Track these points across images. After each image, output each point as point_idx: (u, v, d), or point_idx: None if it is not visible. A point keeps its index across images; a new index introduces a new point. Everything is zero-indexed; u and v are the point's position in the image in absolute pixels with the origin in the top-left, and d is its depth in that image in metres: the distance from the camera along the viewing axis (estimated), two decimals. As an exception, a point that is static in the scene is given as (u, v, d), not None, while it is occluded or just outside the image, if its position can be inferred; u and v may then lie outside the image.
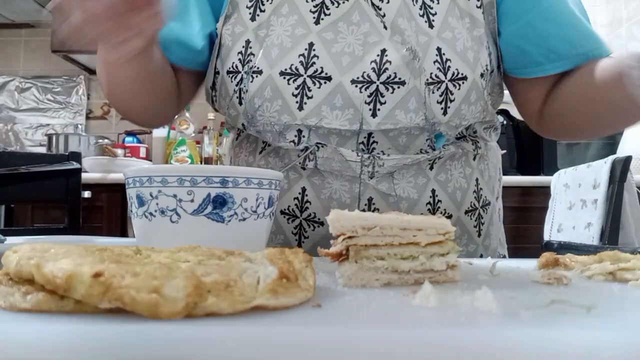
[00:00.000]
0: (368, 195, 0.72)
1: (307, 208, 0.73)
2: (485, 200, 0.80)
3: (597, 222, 1.68)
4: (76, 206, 1.51)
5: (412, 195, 0.73)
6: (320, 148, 0.72)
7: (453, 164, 0.77)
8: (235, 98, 0.73)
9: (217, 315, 0.28)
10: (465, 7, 0.74)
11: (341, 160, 0.72)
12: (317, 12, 0.72)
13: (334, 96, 0.69)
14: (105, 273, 0.27)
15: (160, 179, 0.50)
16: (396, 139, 0.72)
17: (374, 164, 0.72)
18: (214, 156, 2.78)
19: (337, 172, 0.72)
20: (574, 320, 0.29)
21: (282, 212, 0.74)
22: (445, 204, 0.75)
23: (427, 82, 0.69)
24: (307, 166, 0.73)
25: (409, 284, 0.41)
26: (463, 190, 0.77)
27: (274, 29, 0.72)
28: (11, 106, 3.11)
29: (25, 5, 2.79)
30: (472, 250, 0.78)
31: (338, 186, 0.73)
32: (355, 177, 0.72)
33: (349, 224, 0.40)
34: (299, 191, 0.74)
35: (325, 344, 0.25)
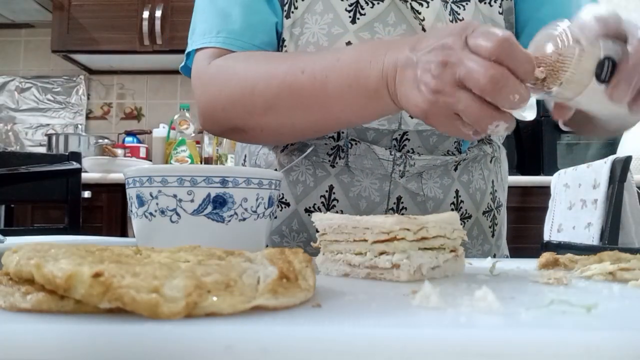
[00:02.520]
0: (397, 194, 0.73)
1: (334, 206, 0.73)
2: (499, 201, 0.82)
3: (597, 222, 1.68)
4: (76, 206, 1.51)
5: (438, 195, 0.75)
6: (353, 145, 0.72)
7: (474, 166, 0.78)
8: None
9: (217, 315, 0.28)
10: (487, 13, 0.75)
11: (374, 158, 0.72)
12: (352, 12, 0.71)
13: None
14: (105, 273, 0.27)
15: (160, 179, 0.50)
16: (427, 139, 0.73)
17: (405, 163, 0.72)
18: (214, 156, 2.78)
19: (368, 170, 0.72)
20: (574, 320, 0.29)
21: (306, 210, 0.74)
22: (466, 205, 0.77)
23: None
24: (337, 164, 0.73)
25: (361, 277, 0.45)
26: (482, 191, 0.79)
27: (308, 27, 0.71)
28: (11, 106, 3.11)
29: (25, 5, 2.79)
30: (487, 250, 0.80)
31: (368, 184, 0.73)
32: (386, 175, 0.73)
33: (322, 223, 0.48)
34: (325, 189, 0.73)
35: (325, 344, 0.25)
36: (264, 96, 0.64)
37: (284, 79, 0.62)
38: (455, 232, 0.47)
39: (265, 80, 0.64)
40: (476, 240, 0.78)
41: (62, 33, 2.74)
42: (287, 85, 0.62)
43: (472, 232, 0.78)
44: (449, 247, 0.46)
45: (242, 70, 0.67)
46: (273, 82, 0.63)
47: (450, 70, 0.44)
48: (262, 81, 0.64)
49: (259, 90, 0.64)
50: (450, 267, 0.46)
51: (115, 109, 3.16)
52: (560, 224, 1.93)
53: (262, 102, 0.65)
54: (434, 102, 0.45)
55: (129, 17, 2.73)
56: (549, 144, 2.46)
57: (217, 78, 0.69)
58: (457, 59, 0.44)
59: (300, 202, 0.74)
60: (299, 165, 0.75)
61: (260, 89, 0.64)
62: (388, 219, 0.43)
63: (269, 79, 0.64)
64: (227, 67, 0.69)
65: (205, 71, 0.71)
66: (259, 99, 0.65)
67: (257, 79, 0.65)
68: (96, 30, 2.74)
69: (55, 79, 3.13)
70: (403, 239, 0.43)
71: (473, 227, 0.78)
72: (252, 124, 0.68)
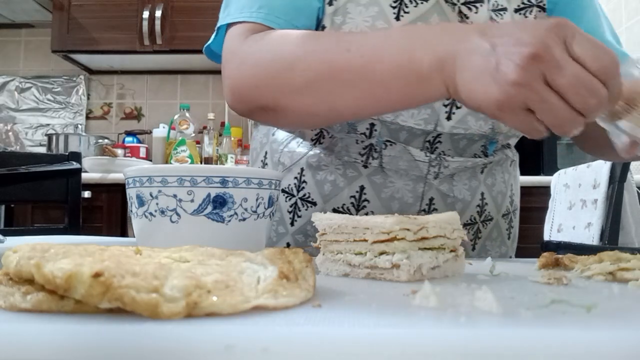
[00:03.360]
0: (430, 196, 0.73)
1: (365, 207, 0.73)
2: (515, 205, 0.84)
3: (597, 222, 1.68)
4: (76, 206, 1.51)
5: (466, 197, 0.75)
6: (388, 146, 0.71)
7: (497, 169, 0.79)
8: None
9: (217, 315, 0.28)
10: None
11: (409, 159, 0.72)
12: (396, 8, 0.69)
13: None
14: (105, 273, 0.27)
15: (160, 179, 0.50)
16: (457, 142, 0.73)
17: (440, 164, 0.72)
18: (214, 156, 2.78)
19: (403, 171, 0.72)
20: (574, 320, 0.29)
21: (334, 209, 0.73)
22: (490, 207, 0.77)
23: None
24: (370, 164, 0.72)
25: (361, 277, 0.45)
26: (503, 194, 0.80)
27: (351, 18, 0.69)
28: (11, 106, 3.11)
29: (25, 5, 2.79)
30: (504, 252, 0.81)
31: (401, 185, 0.72)
32: (421, 176, 0.72)
33: (321, 223, 0.48)
34: (356, 189, 0.73)
35: (325, 344, 0.25)
36: (304, 74, 0.59)
37: (327, 56, 0.58)
38: (455, 232, 0.47)
39: (306, 57, 0.60)
40: (495, 242, 0.79)
41: (62, 33, 2.74)
42: (330, 62, 0.58)
43: (492, 234, 0.79)
44: (449, 247, 0.46)
45: (280, 46, 0.63)
46: (314, 59, 0.59)
47: (541, 66, 0.42)
48: (303, 58, 0.60)
49: (299, 68, 0.60)
50: (450, 267, 0.46)
51: (115, 109, 3.16)
52: (560, 224, 1.93)
53: (301, 80, 0.60)
54: (513, 94, 0.43)
55: (129, 17, 2.73)
56: (549, 144, 2.46)
57: (254, 54, 0.64)
58: (555, 60, 0.42)
59: (329, 201, 0.74)
60: (327, 164, 0.74)
61: (301, 66, 0.60)
62: (388, 219, 0.43)
63: (311, 56, 0.60)
64: (265, 43, 0.64)
65: (240, 46, 0.66)
66: (298, 77, 0.60)
67: (298, 55, 0.61)
68: (96, 30, 2.74)
69: (55, 79, 3.13)
70: (403, 239, 0.43)
71: (493, 230, 0.79)
72: (285, 103, 0.62)
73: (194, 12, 2.72)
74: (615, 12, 2.82)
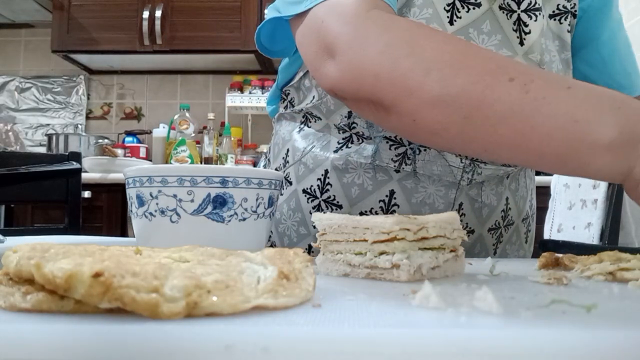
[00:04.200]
0: (460, 201, 0.73)
1: (394, 211, 0.72)
2: (533, 209, 0.84)
3: (597, 222, 1.68)
4: (76, 206, 1.51)
5: (492, 202, 0.75)
6: (422, 151, 0.70)
7: (520, 173, 0.79)
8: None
9: (217, 315, 0.28)
10: (556, 30, 0.75)
11: (444, 164, 0.71)
12: (450, 12, 0.69)
13: None
14: (105, 273, 0.27)
15: (160, 179, 0.50)
16: None
17: (474, 171, 0.72)
18: (214, 156, 2.78)
19: (436, 176, 0.71)
20: (574, 320, 0.29)
21: (361, 213, 0.72)
22: (512, 212, 0.78)
23: None
24: (403, 169, 0.71)
25: (361, 277, 0.45)
26: (524, 199, 0.80)
27: (406, 17, 0.68)
28: (11, 106, 3.12)
29: (25, 5, 2.79)
30: (522, 256, 0.82)
31: (433, 191, 0.72)
32: (454, 182, 0.72)
33: (321, 223, 0.48)
34: (386, 194, 0.72)
35: (325, 344, 0.25)
36: (444, 84, 0.49)
37: (479, 74, 0.48)
38: (455, 232, 0.47)
39: (451, 69, 0.50)
40: (514, 245, 0.80)
41: (62, 33, 2.74)
42: (483, 83, 0.48)
43: (512, 238, 0.79)
44: (449, 247, 0.46)
45: (419, 41, 0.52)
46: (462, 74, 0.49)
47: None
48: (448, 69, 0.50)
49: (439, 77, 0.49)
50: (450, 267, 0.46)
51: (115, 109, 3.16)
52: (560, 224, 1.93)
53: (438, 90, 0.49)
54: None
55: (129, 17, 2.73)
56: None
57: (384, 39, 0.53)
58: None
59: (355, 205, 0.73)
60: (355, 168, 0.72)
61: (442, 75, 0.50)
62: (388, 219, 0.43)
63: (459, 70, 0.49)
64: (400, 31, 0.53)
65: (365, 18, 0.54)
66: (435, 85, 0.49)
67: (441, 64, 0.50)
68: (96, 30, 2.74)
69: (55, 79, 3.13)
70: (403, 239, 0.43)
71: (513, 234, 0.79)
72: (407, 109, 0.52)
73: (194, 12, 2.72)
74: (615, 12, 2.82)
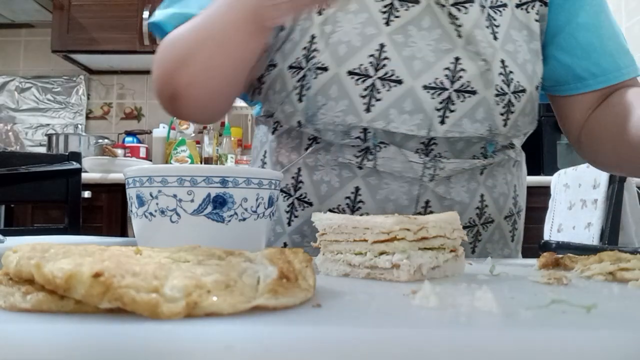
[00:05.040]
0: (426, 198, 0.72)
1: (360, 208, 0.72)
2: (520, 206, 0.83)
3: (597, 222, 1.68)
4: (76, 206, 1.51)
5: (464, 199, 0.74)
6: (382, 148, 0.70)
7: (499, 170, 0.78)
8: (294, 94, 0.71)
9: (217, 315, 0.28)
10: (524, 19, 0.75)
11: (403, 161, 0.71)
12: (386, 13, 0.70)
13: (404, 100, 0.68)
14: (105, 273, 0.27)
15: (160, 179, 0.50)
16: (454, 144, 0.72)
17: (435, 167, 0.71)
18: (214, 156, 2.78)
19: (397, 172, 0.71)
20: (574, 320, 0.29)
21: (331, 210, 0.72)
22: (490, 209, 0.76)
23: (494, 94, 0.70)
24: (364, 165, 0.71)
25: (361, 277, 0.45)
26: (505, 196, 0.78)
27: (341, 26, 0.70)
28: (11, 106, 3.12)
29: (25, 5, 2.79)
30: (507, 255, 0.80)
31: (396, 187, 0.71)
32: (416, 178, 0.71)
33: (321, 223, 0.48)
34: (351, 190, 0.72)
35: (325, 344, 0.25)
36: (178, 50, 0.68)
37: (190, 28, 0.67)
38: (455, 232, 0.47)
39: (180, 35, 0.68)
40: (497, 244, 0.78)
41: (62, 33, 2.74)
42: (191, 31, 0.66)
43: (494, 237, 0.78)
44: (449, 247, 0.46)
45: (170, 35, 0.70)
46: (184, 34, 0.67)
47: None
48: (178, 36, 0.68)
49: (176, 47, 0.68)
50: (450, 267, 0.46)
51: (115, 109, 3.16)
52: (560, 224, 1.93)
53: (177, 57, 0.68)
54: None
55: (129, 17, 2.73)
56: (549, 144, 2.46)
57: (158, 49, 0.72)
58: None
59: (324, 202, 0.73)
60: (324, 165, 0.73)
61: (177, 44, 0.68)
62: (388, 219, 0.43)
63: (182, 33, 0.68)
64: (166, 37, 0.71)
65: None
66: (176, 55, 0.68)
67: (176, 36, 0.69)
68: (96, 30, 2.74)
69: (55, 79, 3.13)
70: (403, 239, 0.43)
71: (495, 232, 0.78)
72: (177, 87, 0.69)
73: (194, 12, 2.72)
74: (615, 12, 2.82)
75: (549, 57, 0.78)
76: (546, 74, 0.79)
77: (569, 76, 0.78)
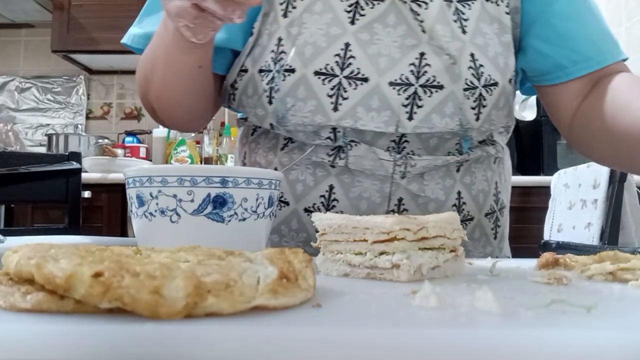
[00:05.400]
0: (398, 196, 0.72)
1: (334, 206, 0.72)
2: (502, 203, 0.81)
3: (597, 222, 1.68)
4: (76, 206, 1.51)
5: (439, 196, 0.73)
6: (354, 146, 0.71)
7: (477, 167, 0.77)
8: (265, 97, 0.72)
9: (217, 315, 0.28)
10: (494, 12, 0.74)
11: (374, 159, 0.71)
12: (352, 12, 0.71)
13: (371, 98, 0.69)
14: (105, 273, 0.27)
15: (160, 179, 0.50)
16: (427, 141, 0.72)
17: (406, 164, 0.71)
18: (214, 156, 2.78)
19: (369, 170, 0.71)
20: (574, 320, 0.29)
21: (305, 209, 0.73)
22: (469, 207, 0.75)
23: (464, 88, 0.70)
24: (336, 164, 0.72)
25: (361, 277, 0.45)
26: (485, 193, 0.77)
27: (307, 27, 0.71)
28: (11, 106, 3.11)
29: (25, 5, 2.79)
30: (489, 252, 0.79)
31: (369, 185, 0.72)
32: (387, 176, 0.71)
33: (321, 223, 0.48)
34: (325, 189, 0.72)
35: (325, 344, 0.25)
36: (143, 70, 0.76)
37: (148, 47, 0.74)
38: (455, 232, 0.47)
39: (144, 54, 0.75)
40: (478, 242, 0.77)
41: (62, 33, 2.74)
42: (148, 51, 0.74)
43: (474, 235, 0.77)
44: (449, 247, 0.46)
45: (142, 54, 0.77)
46: (145, 53, 0.75)
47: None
48: (143, 55, 0.75)
49: (141, 66, 0.76)
50: (450, 267, 0.46)
51: (115, 109, 3.16)
52: (560, 224, 1.93)
53: (144, 75, 0.75)
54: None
55: (129, 17, 2.72)
56: (549, 144, 2.46)
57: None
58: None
59: (300, 201, 0.73)
60: (299, 165, 0.73)
61: (141, 64, 0.75)
62: (388, 219, 0.43)
63: (145, 52, 0.75)
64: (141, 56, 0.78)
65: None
66: (143, 73, 0.76)
67: (142, 55, 0.76)
68: (96, 30, 2.74)
69: (55, 79, 3.13)
70: (403, 239, 0.43)
71: (475, 229, 0.77)
72: (150, 101, 0.77)
73: (194, 12, 2.72)
74: (615, 12, 2.82)
75: (528, 47, 0.77)
76: (528, 64, 0.78)
77: (550, 65, 0.76)
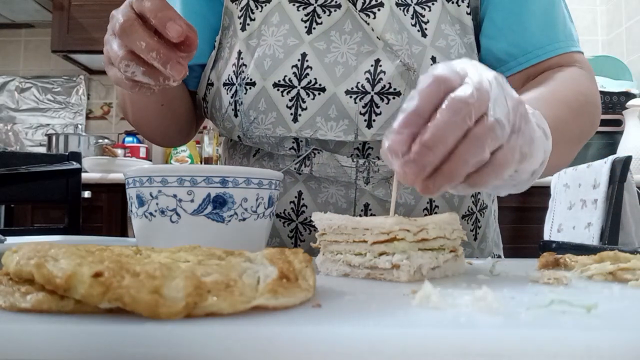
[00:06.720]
0: (364, 201, 0.72)
1: (304, 212, 0.73)
2: (483, 204, 0.79)
3: (597, 222, 1.68)
4: (76, 206, 1.51)
5: (409, 201, 0.72)
6: (317, 154, 0.71)
7: None
8: (230, 110, 0.72)
9: (217, 315, 0.28)
10: (455, 13, 0.73)
11: (336, 166, 0.71)
12: (308, 21, 0.71)
13: (329, 107, 0.69)
14: (105, 273, 0.27)
15: (160, 179, 0.50)
16: None
17: (369, 169, 0.71)
18: (214, 156, 2.78)
19: (332, 177, 0.71)
20: (574, 320, 0.29)
21: (278, 215, 0.74)
22: (442, 210, 0.74)
23: None
24: (302, 171, 0.72)
25: (361, 278, 0.45)
26: (460, 196, 0.75)
27: (265, 39, 0.71)
28: (11, 106, 3.11)
29: (25, 5, 2.79)
30: (468, 254, 0.78)
31: (334, 191, 0.72)
32: (351, 182, 0.71)
33: (321, 223, 0.48)
34: (295, 195, 0.73)
35: (325, 344, 0.25)
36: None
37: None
38: (455, 233, 0.47)
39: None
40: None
41: (62, 33, 2.74)
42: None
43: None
44: (448, 247, 0.46)
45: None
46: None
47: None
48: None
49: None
50: (450, 267, 0.46)
51: (115, 109, 3.16)
52: (560, 224, 1.93)
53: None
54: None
55: (129, 17, 2.73)
56: (549, 144, 2.44)
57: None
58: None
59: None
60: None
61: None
62: (388, 219, 0.43)
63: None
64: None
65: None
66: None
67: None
68: (96, 30, 2.74)
69: (55, 79, 3.13)
70: (403, 240, 0.43)
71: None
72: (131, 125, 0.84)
73: (194, 12, 2.71)
74: (615, 12, 2.82)
75: (481, 45, 0.75)
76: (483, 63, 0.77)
77: (492, 60, 0.74)
